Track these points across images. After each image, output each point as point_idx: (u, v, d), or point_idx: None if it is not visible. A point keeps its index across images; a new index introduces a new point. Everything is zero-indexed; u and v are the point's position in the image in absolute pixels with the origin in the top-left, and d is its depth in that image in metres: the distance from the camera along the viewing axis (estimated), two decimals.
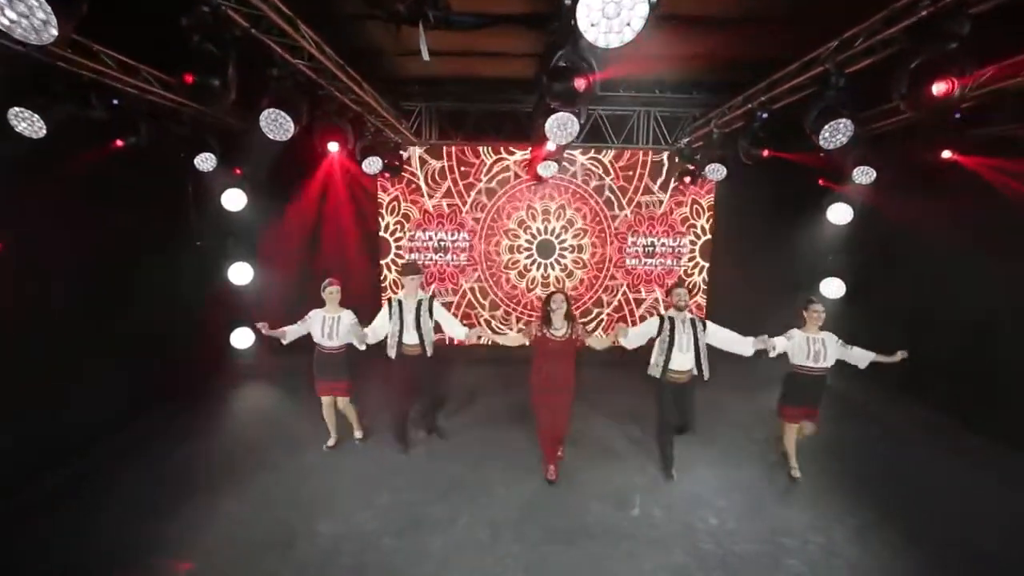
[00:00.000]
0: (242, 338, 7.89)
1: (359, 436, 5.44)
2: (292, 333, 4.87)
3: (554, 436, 4.74)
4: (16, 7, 2.38)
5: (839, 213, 7.77)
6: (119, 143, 5.10)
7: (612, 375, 7.32)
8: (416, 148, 8.09)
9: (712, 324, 4.63)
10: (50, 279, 4.92)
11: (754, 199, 7.79)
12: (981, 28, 3.16)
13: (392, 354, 4.97)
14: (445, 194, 8.34)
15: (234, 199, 7.38)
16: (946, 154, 4.98)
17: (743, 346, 4.57)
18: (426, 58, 3.54)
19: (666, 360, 4.54)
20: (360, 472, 4.92)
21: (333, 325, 4.87)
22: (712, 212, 8.43)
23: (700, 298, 8.64)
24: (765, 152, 5.30)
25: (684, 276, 8.60)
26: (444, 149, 8.14)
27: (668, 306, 4.79)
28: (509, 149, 8.16)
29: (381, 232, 8.44)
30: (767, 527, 4.22)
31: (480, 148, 8.15)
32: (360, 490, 4.62)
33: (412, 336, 4.91)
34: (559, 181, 8.24)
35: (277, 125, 3.96)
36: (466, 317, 8.55)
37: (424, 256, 8.49)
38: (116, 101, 4.79)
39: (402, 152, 7.85)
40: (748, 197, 7.83)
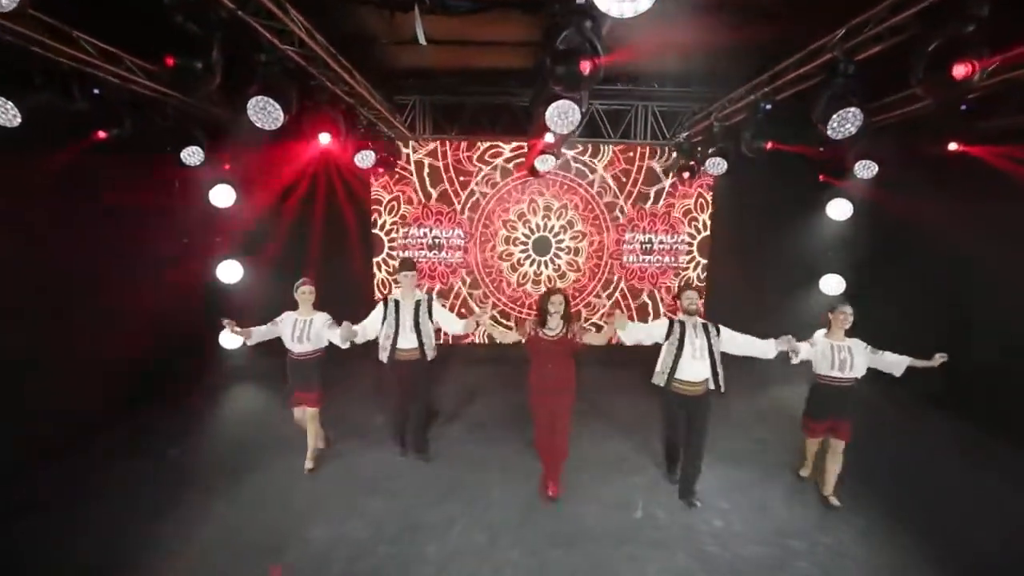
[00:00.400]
0: (231, 338, 7.66)
1: (322, 446, 5.00)
2: (259, 335, 4.47)
3: (554, 444, 4.38)
4: None
5: (839, 209, 7.69)
6: (101, 135, 4.91)
7: (612, 374, 7.20)
8: (410, 143, 7.93)
9: (727, 330, 4.18)
10: (33, 276, 4.74)
11: (753, 195, 7.69)
12: (991, 15, 3.06)
13: (384, 357, 4.62)
14: (439, 189, 8.18)
15: (223, 195, 7.19)
16: (952, 146, 4.89)
17: (765, 349, 4.15)
18: (423, 42, 3.39)
19: (673, 367, 4.10)
20: (352, 476, 4.75)
21: (305, 328, 4.44)
22: (711, 209, 8.34)
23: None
24: (768, 145, 5.18)
25: (680, 270, 8.51)
26: (439, 143, 7.99)
27: (676, 310, 4.31)
28: (499, 145, 8.01)
29: (374, 229, 8.27)
30: (772, 528, 4.11)
31: (476, 143, 8.00)
32: (352, 495, 4.46)
33: (409, 339, 4.56)
34: (557, 177, 8.11)
35: (266, 113, 3.79)
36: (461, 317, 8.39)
37: (417, 254, 8.33)
38: (97, 91, 4.61)
39: (399, 144, 7.69)
40: (747, 193, 7.74)
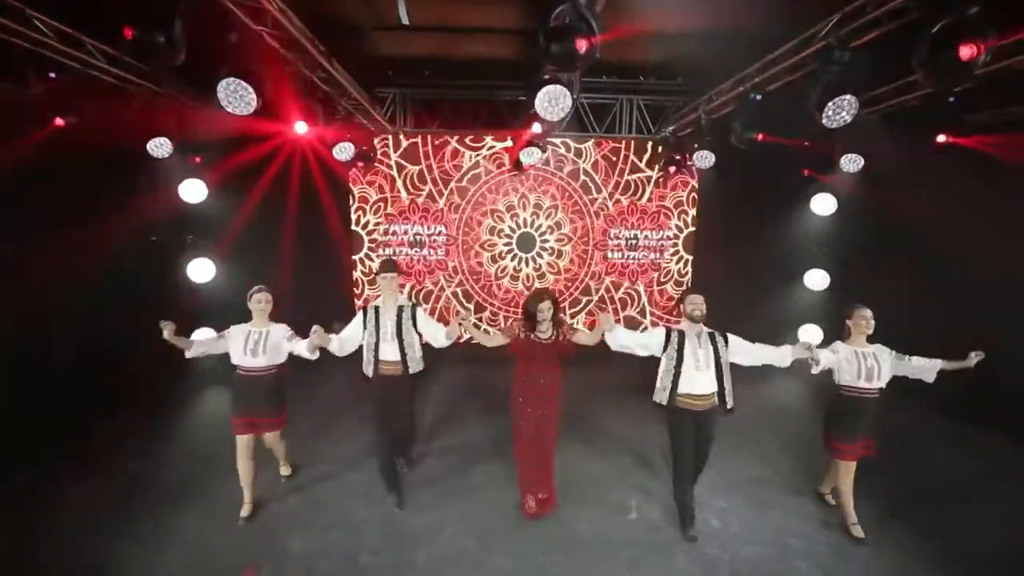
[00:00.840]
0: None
1: (286, 473, 4.47)
2: (201, 346, 3.78)
3: (541, 456, 4.07)
4: None
5: (823, 204, 7.69)
6: (59, 122, 4.59)
7: (598, 370, 7.06)
8: (391, 137, 7.70)
9: (736, 338, 3.78)
10: None
11: (737, 191, 7.64)
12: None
13: (369, 372, 4.08)
14: (421, 185, 7.96)
15: (193, 190, 6.85)
16: (941, 138, 4.87)
17: (780, 358, 3.75)
18: (405, 21, 3.19)
19: (675, 382, 3.68)
20: (333, 483, 4.51)
21: (260, 340, 3.80)
22: (696, 204, 8.28)
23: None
24: (760, 136, 5.10)
25: (663, 264, 8.44)
26: (420, 137, 7.77)
27: (678, 317, 3.87)
28: (483, 139, 7.83)
29: (353, 226, 8.01)
30: (772, 528, 4.00)
31: (458, 137, 7.81)
32: (334, 503, 4.22)
33: (391, 350, 4.04)
34: (540, 172, 7.96)
35: (237, 97, 3.54)
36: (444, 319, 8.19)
37: (399, 251, 8.10)
38: (54, 75, 4.30)
39: (379, 138, 7.46)
40: (732, 189, 7.69)
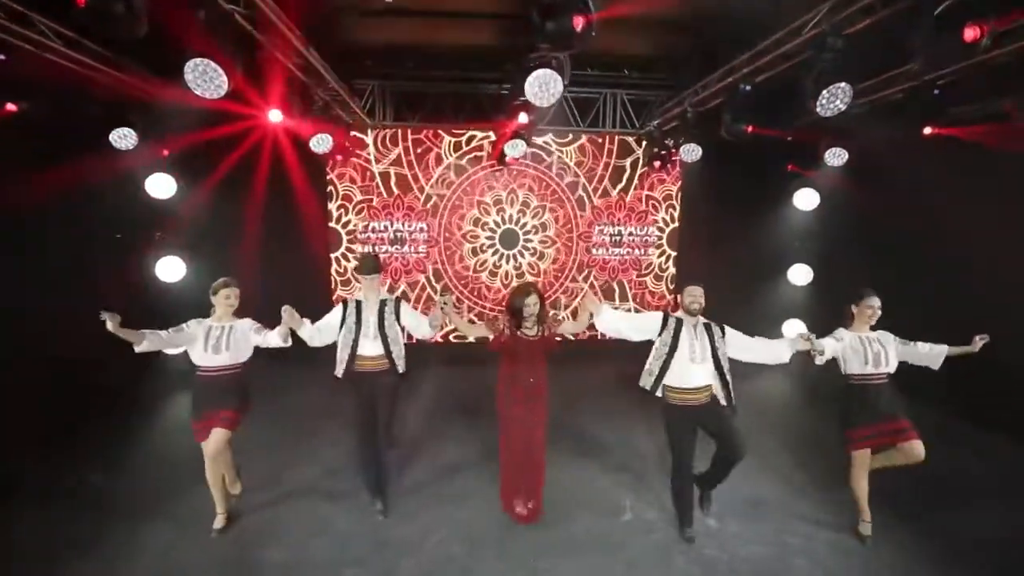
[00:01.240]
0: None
1: (235, 492, 3.91)
2: (153, 342, 3.41)
3: (530, 461, 3.84)
4: None
5: (806, 199, 7.71)
6: (11, 107, 4.27)
7: (582, 368, 6.96)
8: (369, 130, 7.46)
9: (734, 331, 3.61)
10: None
11: (721, 186, 7.62)
12: None
13: (340, 371, 3.80)
14: (401, 180, 7.74)
15: (161, 185, 6.53)
16: (927, 130, 4.88)
17: (779, 352, 3.57)
18: None
19: (663, 369, 3.53)
20: (311, 491, 4.27)
21: (222, 336, 3.53)
22: (680, 200, 8.24)
23: (669, 285, 8.46)
24: (749, 128, 5.03)
25: (660, 271, 8.38)
26: (400, 131, 7.55)
27: (676, 308, 3.72)
28: (465, 132, 7.65)
29: (331, 223, 7.75)
30: (770, 526, 3.90)
31: (440, 130, 7.62)
32: (313, 511, 3.99)
33: (373, 346, 3.77)
34: (523, 167, 7.82)
35: (207, 79, 3.30)
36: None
37: (379, 249, 7.85)
38: (3, 57, 3.99)
39: (357, 131, 7.22)
40: (715, 184, 7.67)
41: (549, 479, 4.16)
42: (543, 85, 3.48)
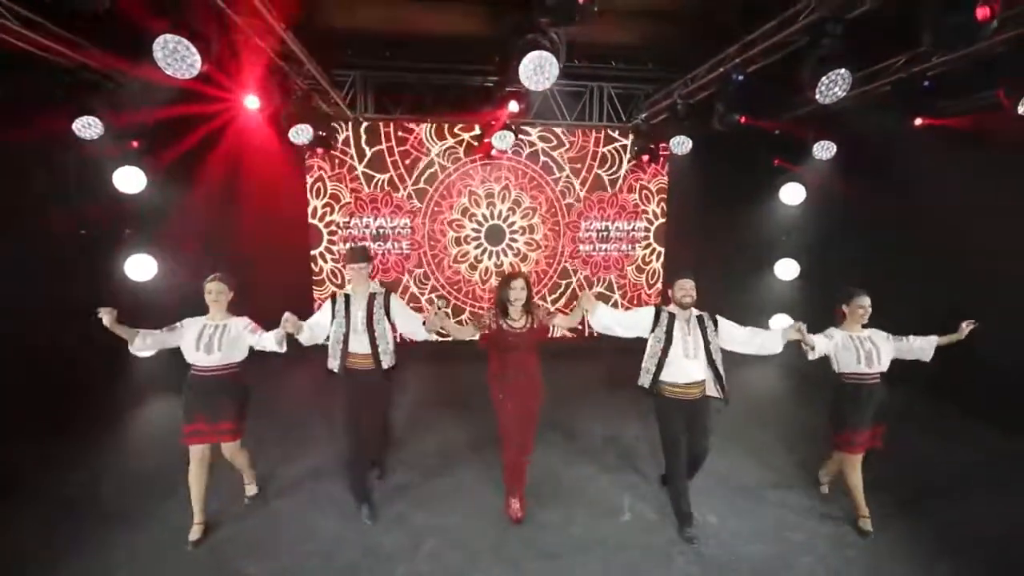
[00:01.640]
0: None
1: (252, 493, 3.88)
2: (148, 338, 3.31)
3: (520, 458, 3.79)
4: None
5: (792, 194, 7.71)
6: None
7: (577, 365, 6.84)
8: (350, 122, 7.22)
9: (726, 322, 3.57)
10: None
11: (709, 180, 7.58)
12: None
13: (335, 367, 3.68)
14: (383, 174, 7.52)
15: (129, 178, 6.18)
16: (918, 121, 4.87)
17: (771, 343, 3.51)
18: None
19: (659, 366, 3.49)
20: (296, 496, 4.05)
21: (215, 335, 3.40)
22: (667, 195, 8.18)
23: (657, 284, 8.39)
24: (743, 119, 4.95)
25: (643, 264, 8.30)
26: (382, 123, 7.32)
27: (667, 302, 3.68)
28: (449, 124, 7.46)
29: (310, 218, 7.48)
30: (771, 523, 3.81)
31: (423, 123, 7.41)
32: (297, 519, 3.77)
33: (361, 342, 3.64)
34: (510, 161, 7.66)
35: (178, 58, 3.07)
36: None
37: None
38: None
39: (338, 123, 6.97)
40: (703, 178, 7.62)
41: (546, 480, 4.11)
42: (538, 68, 3.32)
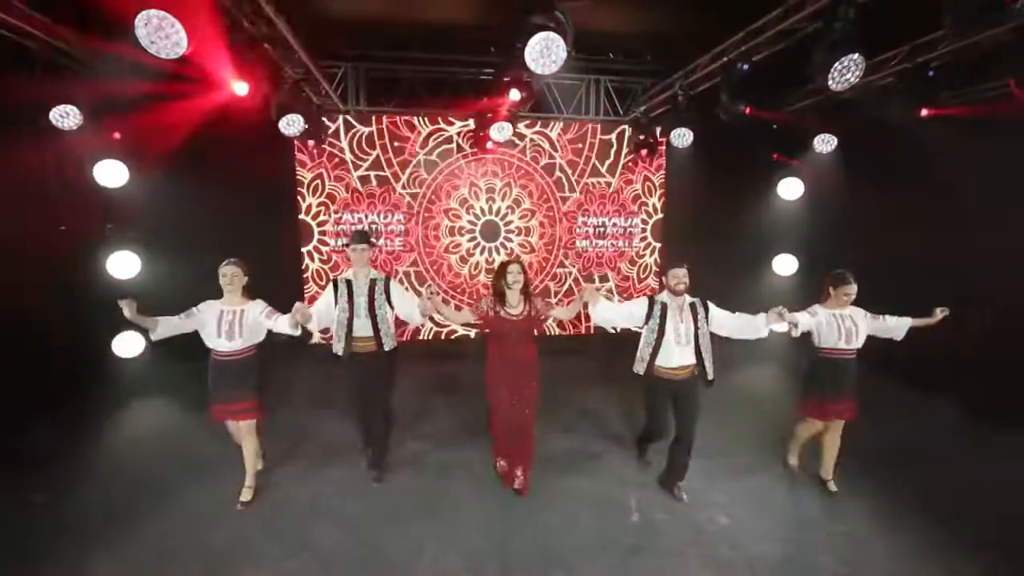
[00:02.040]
0: (127, 345, 6.40)
1: (246, 499, 3.85)
2: (167, 327, 3.50)
3: (521, 443, 3.90)
4: None
5: (790, 189, 7.63)
6: None
7: (581, 360, 6.70)
8: (342, 115, 7.01)
9: (717, 309, 3.75)
10: None
11: (707, 175, 7.46)
12: None
13: (340, 350, 3.83)
14: (376, 169, 7.32)
15: (111, 171, 5.93)
16: (924, 112, 4.79)
17: (755, 328, 3.68)
18: None
19: (653, 353, 3.67)
20: (291, 501, 3.88)
21: (234, 321, 3.56)
22: (664, 190, 8.07)
23: (653, 280, 8.29)
24: (747, 109, 4.84)
25: (637, 257, 8.19)
26: (374, 117, 7.13)
27: (661, 289, 3.82)
28: (444, 117, 7.29)
29: (301, 215, 7.26)
30: (783, 522, 3.72)
31: (416, 118, 7.22)
32: (292, 526, 3.60)
33: (364, 326, 3.82)
34: (504, 156, 7.50)
35: (162, 35, 2.87)
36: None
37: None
38: None
39: (329, 116, 6.77)
40: (701, 173, 7.50)
41: (548, 482, 4.04)
42: (545, 50, 3.17)
